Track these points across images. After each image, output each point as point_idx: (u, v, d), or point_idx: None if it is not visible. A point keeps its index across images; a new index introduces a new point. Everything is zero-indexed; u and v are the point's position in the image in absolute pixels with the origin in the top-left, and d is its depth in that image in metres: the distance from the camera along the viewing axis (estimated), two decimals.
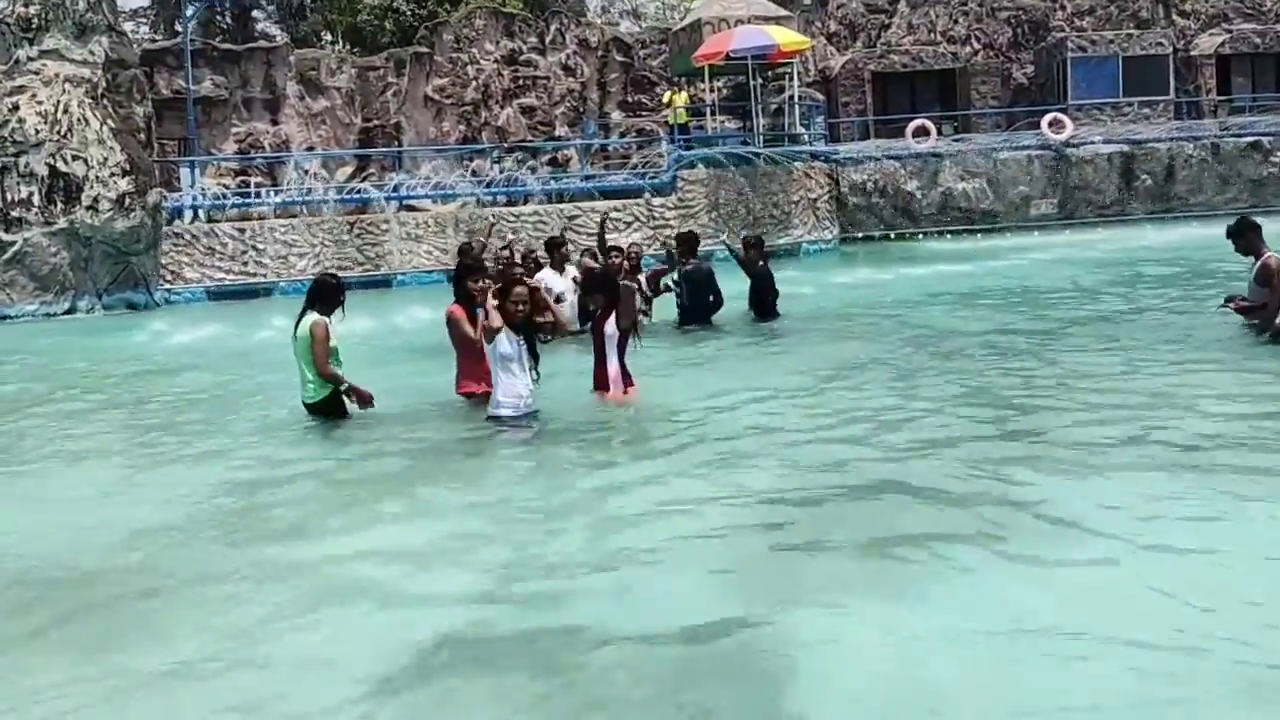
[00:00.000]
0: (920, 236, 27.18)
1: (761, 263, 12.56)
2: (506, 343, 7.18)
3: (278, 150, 27.63)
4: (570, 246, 12.51)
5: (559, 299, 11.20)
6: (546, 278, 11.67)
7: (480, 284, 7.65)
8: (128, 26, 39.21)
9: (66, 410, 9.53)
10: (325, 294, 7.90)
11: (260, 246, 22.71)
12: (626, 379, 7.92)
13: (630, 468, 6.30)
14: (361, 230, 23.30)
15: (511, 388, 7.26)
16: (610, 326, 7.85)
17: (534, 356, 7.39)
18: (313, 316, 7.83)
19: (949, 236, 27.08)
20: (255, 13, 41.92)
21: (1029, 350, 9.49)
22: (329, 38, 40.14)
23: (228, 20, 40.73)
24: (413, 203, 24.60)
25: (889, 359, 9.50)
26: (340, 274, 20.90)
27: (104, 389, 10.90)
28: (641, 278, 11.82)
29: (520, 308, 7.20)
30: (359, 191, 24.48)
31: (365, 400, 7.88)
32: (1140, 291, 13.90)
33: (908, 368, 9.05)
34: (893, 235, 27.18)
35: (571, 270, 12.02)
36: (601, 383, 7.93)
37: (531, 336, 7.37)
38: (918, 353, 9.76)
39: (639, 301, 11.58)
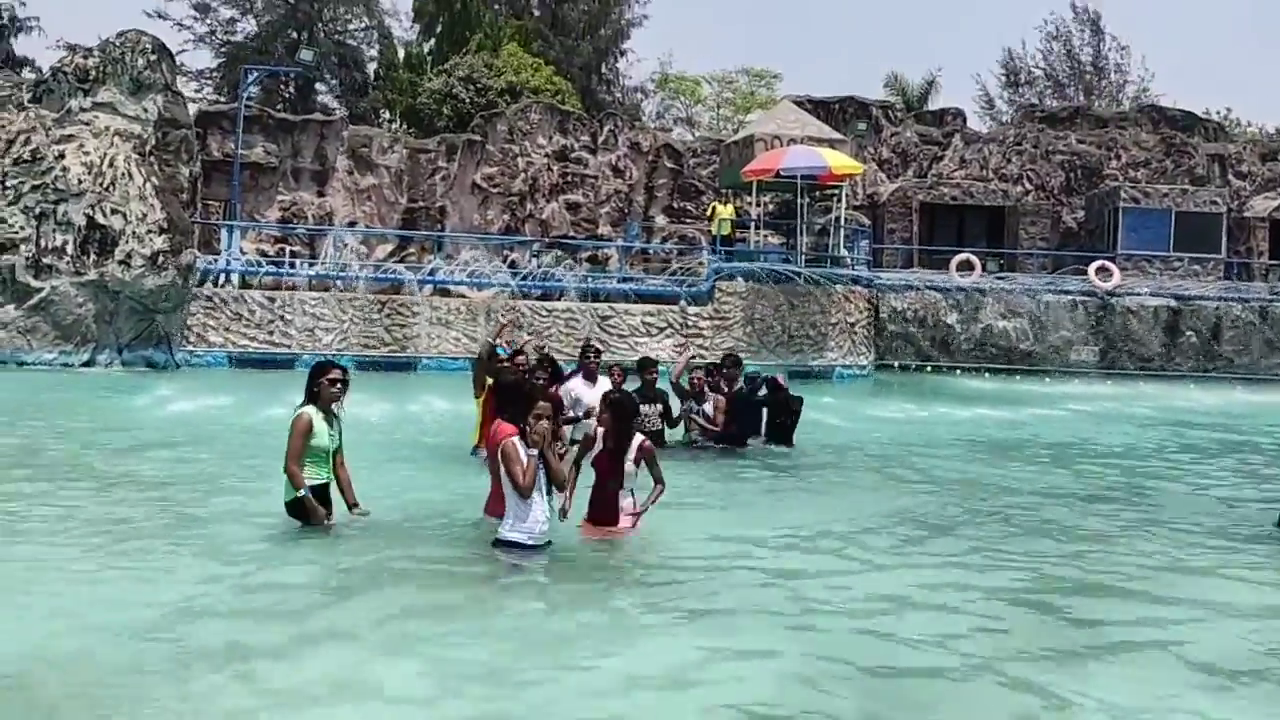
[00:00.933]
0: (957, 372, 26.71)
1: (742, 386, 12.20)
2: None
3: (321, 222, 27.54)
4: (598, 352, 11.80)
5: (588, 414, 10.36)
6: (576, 388, 11.00)
7: (542, 422, 6.64)
8: (192, 86, 40.19)
9: (29, 488, 8.77)
10: (320, 382, 7.37)
11: (288, 317, 22.47)
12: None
13: (643, 624, 5.64)
14: (392, 310, 23.05)
15: (526, 513, 6.64)
16: (631, 455, 7.28)
17: (551, 482, 6.75)
18: (302, 409, 7.30)
19: (986, 375, 26.56)
20: (319, 85, 42.73)
21: (1073, 525, 8.73)
22: (387, 116, 40.75)
23: (291, 90, 41.49)
24: (446, 288, 24.38)
25: (919, 514, 8.86)
26: (365, 354, 21.24)
27: (79, 462, 10.29)
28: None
29: (543, 425, 6.61)
30: (394, 271, 24.30)
31: (316, 517, 7.20)
32: (1193, 462, 13.17)
33: (938, 525, 8.41)
34: (929, 368, 26.68)
35: (604, 383, 10.99)
36: (603, 515, 7.29)
37: (549, 459, 6.74)
38: (949, 509, 9.14)
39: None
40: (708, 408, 11.71)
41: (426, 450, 11.21)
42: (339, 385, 7.35)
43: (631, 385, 11.02)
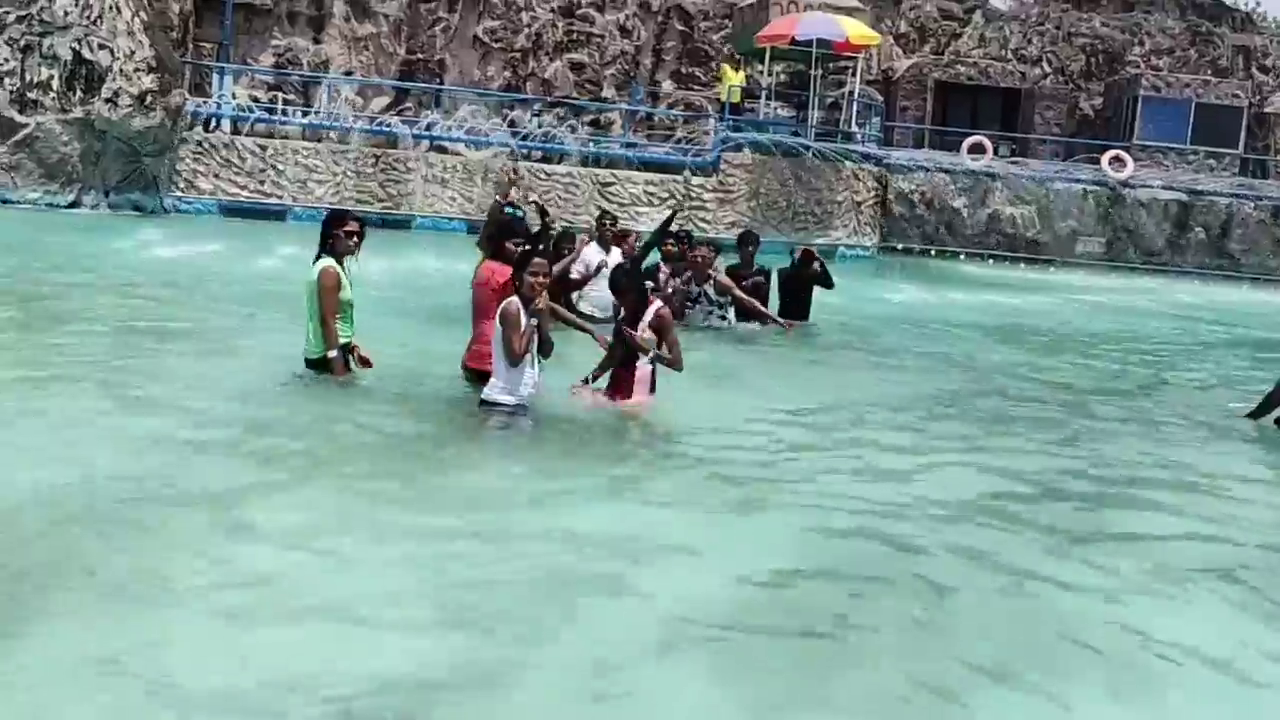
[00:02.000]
0: (961, 257, 26.32)
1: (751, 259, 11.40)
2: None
3: (316, 70, 26.69)
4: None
5: (601, 267, 10.20)
6: (589, 254, 10.71)
7: (540, 277, 6.38)
8: None
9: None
10: (336, 234, 7.11)
11: (280, 167, 21.95)
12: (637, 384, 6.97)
13: (627, 500, 5.36)
14: (387, 165, 22.56)
15: (517, 378, 6.38)
16: (645, 331, 6.94)
17: (542, 342, 6.47)
18: (324, 262, 7.06)
19: (990, 261, 26.20)
20: None
21: (1085, 416, 8.49)
22: None
23: None
24: (443, 144, 23.81)
25: (928, 396, 8.65)
26: (359, 209, 20.82)
27: (59, 296, 10.03)
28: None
29: (539, 280, 6.34)
30: (389, 125, 23.68)
31: (342, 374, 7.12)
32: (1202, 353, 12.93)
33: (946, 408, 8.21)
34: (933, 252, 26.32)
35: (616, 255, 10.59)
36: (620, 387, 7.00)
37: (542, 325, 6.45)
38: (956, 391, 8.97)
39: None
40: (708, 289, 10.67)
41: (426, 310, 10.87)
42: (355, 238, 7.13)
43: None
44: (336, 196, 21.83)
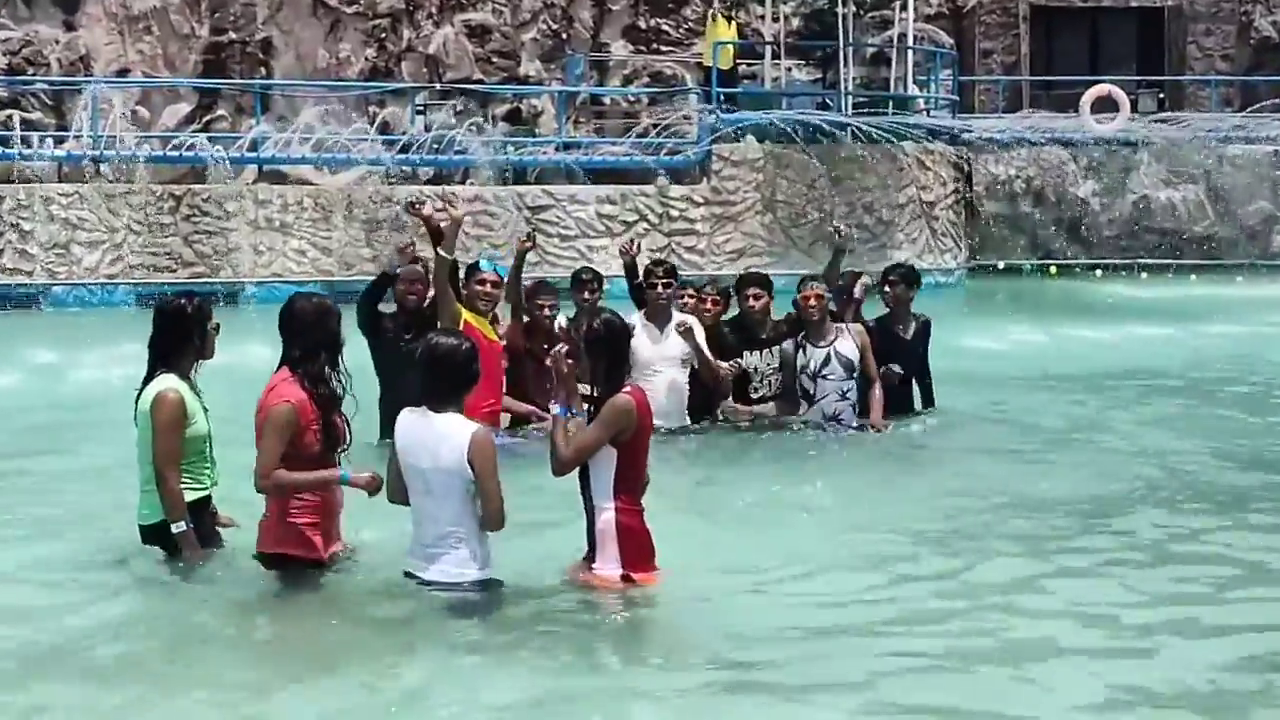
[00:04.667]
0: (1097, 273, 26.61)
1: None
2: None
3: (72, 72, 26.82)
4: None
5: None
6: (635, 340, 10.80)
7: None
8: None
9: None
10: (176, 333, 7.38)
11: (26, 227, 21.97)
12: (638, 552, 7.02)
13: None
14: (194, 209, 22.59)
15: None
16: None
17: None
18: (161, 384, 7.23)
19: (1142, 275, 26.46)
20: None
21: None
22: None
23: None
24: (280, 169, 23.90)
25: (1100, 516, 8.74)
26: (154, 278, 20.68)
27: None
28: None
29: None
30: (194, 147, 23.63)
31: (192, 553, 7.29)
32: None
33: (1135, 537, 8.25)
34: (1053, 269, 26.52)
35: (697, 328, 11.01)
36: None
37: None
38: (1147, 501, 9.10)
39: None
40: (846, 348, 10.96)
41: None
42: (215, 331, 7.48)
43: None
44: (117, 264, 21.83)
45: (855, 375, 10.93)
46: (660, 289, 10.99)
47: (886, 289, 11.55)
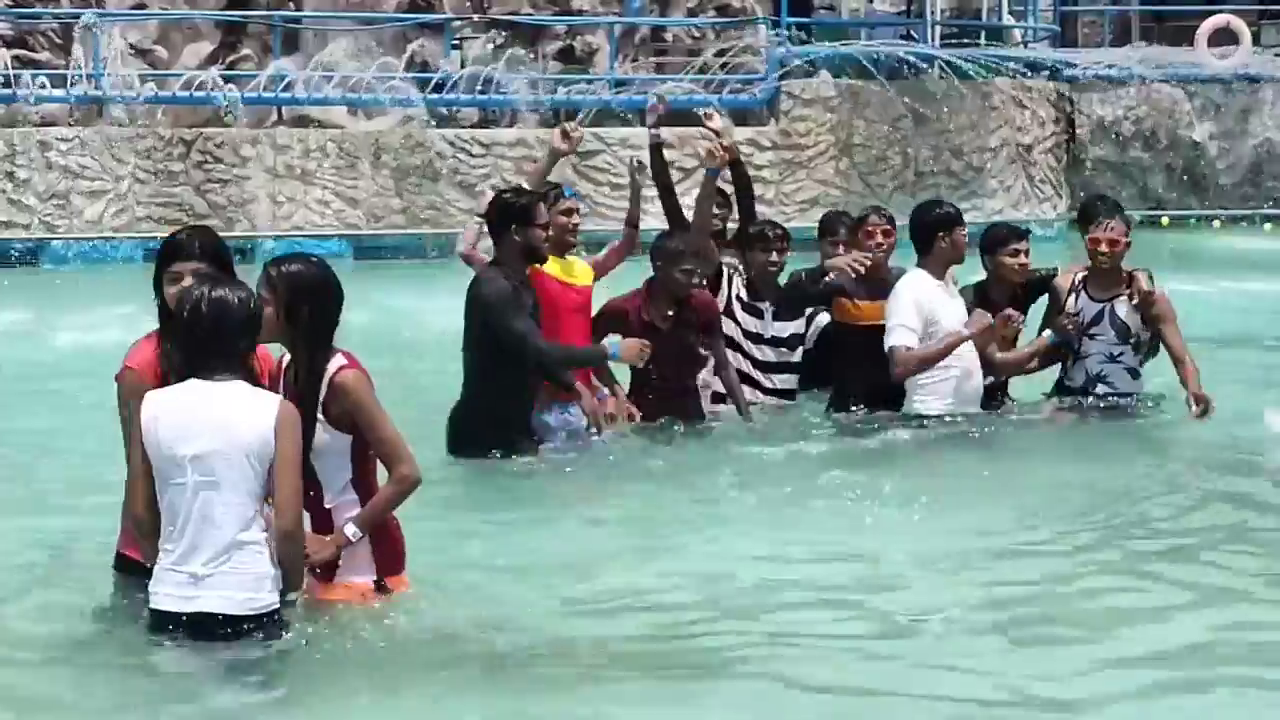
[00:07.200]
0: (1215, 224, 26.50)
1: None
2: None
3: (82, 7, 26.03)
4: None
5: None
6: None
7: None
8: None
9: None
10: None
11: (23, 175, 21.75)
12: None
13: None
14: (207, 154, 22.34)
15: None
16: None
17: None
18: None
19: (1266, 226, 26.35)
20: None
21: None
22: None
23: None
24: (303, 112, 23.69)
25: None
26: (163, 230, 21.55)
27: None
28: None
29: None
30: (207, 88, 23.15)
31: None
32: None
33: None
34: (1165, 220, 26.08)
35: None
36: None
37: None
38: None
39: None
40: (1124, 312, 10.30)
41: None
42: None
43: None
44: (123, 215, 21.78)
45: (1132, 343, 10.46)
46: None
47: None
